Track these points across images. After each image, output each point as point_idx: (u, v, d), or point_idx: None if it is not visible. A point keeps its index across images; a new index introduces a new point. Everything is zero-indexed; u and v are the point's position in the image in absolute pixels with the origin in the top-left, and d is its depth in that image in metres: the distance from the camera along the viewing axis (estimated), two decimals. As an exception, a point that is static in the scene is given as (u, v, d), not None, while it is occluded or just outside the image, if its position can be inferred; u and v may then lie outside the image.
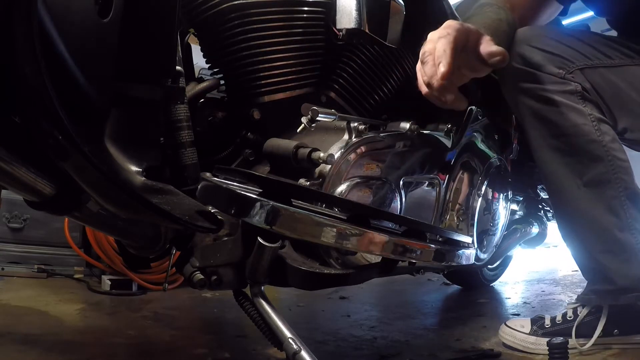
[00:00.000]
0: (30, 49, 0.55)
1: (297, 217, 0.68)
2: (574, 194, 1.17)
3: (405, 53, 1.23)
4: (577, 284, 2.45)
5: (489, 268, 2.22)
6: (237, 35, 1.01)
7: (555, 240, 4.18)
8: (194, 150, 0.94)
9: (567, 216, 1.23)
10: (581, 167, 1.15)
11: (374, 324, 1.59)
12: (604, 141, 1.13)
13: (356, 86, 1.14)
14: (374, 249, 0.77)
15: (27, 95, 0.57)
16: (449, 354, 1.28)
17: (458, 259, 0.96)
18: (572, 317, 1.25)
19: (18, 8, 0.54)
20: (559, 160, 1.17)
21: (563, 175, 1.17)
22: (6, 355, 1.14)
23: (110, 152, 0.71)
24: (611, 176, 1.14)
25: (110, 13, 0.69)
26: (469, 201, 1.34)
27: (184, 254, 0.89)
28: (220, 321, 1.66)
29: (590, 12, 1.29)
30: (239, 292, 0.86)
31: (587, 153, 1.13)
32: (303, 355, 0.73)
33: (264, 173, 1.01)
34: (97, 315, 1.58)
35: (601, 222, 1.16)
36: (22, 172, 0.67)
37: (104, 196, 0.69)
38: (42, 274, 2.07)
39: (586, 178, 1.15)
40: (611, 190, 1.14)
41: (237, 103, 1.07)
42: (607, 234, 1.15)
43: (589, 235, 1.19)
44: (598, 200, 1.15)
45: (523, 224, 1.92)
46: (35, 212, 0.76)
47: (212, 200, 0.74)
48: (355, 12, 1.06)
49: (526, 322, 1.32)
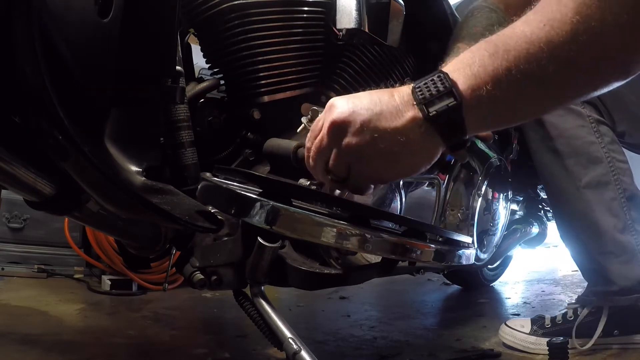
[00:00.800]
0: (30, 49, 0.55)
1: (297, 217, 0.68)
2: (574, 196, 1.17)
3: (405, 53, 1.23)
4: (577, 284, 2.46)
5: (489, 268, 2.22)
6: (237, 35, 1.01)
7: (555, 240, 4.19)
8: (194, 150, 0.94)
9: (567, 218, 1.23)
10: (580, 168, 1.15)
11: (374, 324, 1.59)
12: (603, 143, 1.13)
13: (356, 86, 1.14)
14: (374, 249, 0.77)
15: (27, 95, 0.57)
16: (449, 354, 1.28)
17: (458, 259, 0.96)
18: (572, 317, 1.25)
19: (18, 8, 0.54)
20: (559, 162, 1.17)
21: (562, 177, 1.17)
22: (6, 355, 1.14)
23: (110, 152, 0.71)
24: (610, 178, 1.14)
25: (110, 13, 0.69)
26: (469, 201, 1.34)
27: (184, 254, 0.89)
28: (220, 321, 1.66)
29: None
30: (239, 292, 0.86)
31: (587, 155, 1.13)
32: (303, 355, 0.73)
33: (264, 173, 1.01)
34: (97, 315, 1.58)
35: (601, 223, 1.16)
36: (22, 172, 0.67)
37: (104, 196, 0.69)
38: (42, 274, 2.07)
39: (585, 180, 1.15)
40: (611, 191, 1.14)
41: (237, 103, 1.07)
42: (607, 235, 1.16)
43: (588, 236, 1.19)
44: (598, 202, 1.15)
45: (523, 224, 1.93)
46: (35, 212, 0.76)
47: (212, 200, 0.74)
48: (355, 12, 1.05)
49: (526, 322, 1.32)
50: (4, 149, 0.64)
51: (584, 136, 1.13)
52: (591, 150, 1.13)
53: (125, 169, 0.72)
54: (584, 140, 1.13)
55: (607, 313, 1.20)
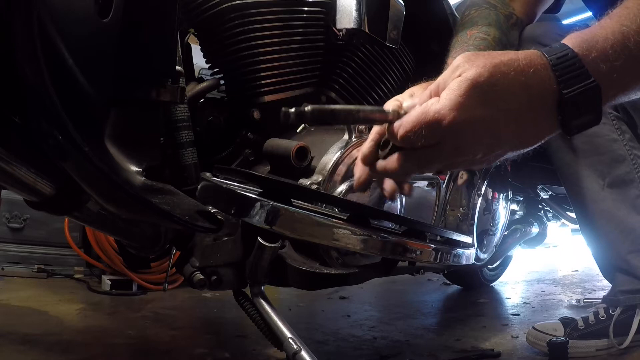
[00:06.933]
0: (30, 49, 0.55)
1: (297, 217, 0.68)
2: (598, 196, 1.15)
3: (405, 53, 1.23)
4: (577, 284, 2.46)
5: (489, 268, 2.22)
6: (237, 35, 1.01)
7: (555, 240, 4.19)
8: (194, 150, 0.94)
9: (591, 218, 1.20)
10: (603, 167, 1.13)
11: (374, 324, 1.59)
12: (624, 140, 1.12)
13: (356, 86, 1.14)
14: (374, 249, 0.77)
15: (27, 95, 0.57)
16: (449, 354, 1.28)
17: (458, 259, 0.96)
18: (604, 316, 1.23)
19: (18, 8, 0.54)
20: (581, 161, 1.14)
21: (586, 176, 1.15)
22: (6, 355, 1.14)
23: (110, 152, 0.71)
24: (634, 175, 1.12)
25: (110, 13, 0.69)
26: (469, 201, 1.34)
27: (184, 254, 0.89)
28: (220, 321, 1.66)
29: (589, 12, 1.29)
30: (239, 292, 0.86)
31: (610, 153, 1.11)
32: (303, 355, 0.73)
33: (264, 173, 1.01)
34: (97, 315, 1.58)
35: (627, 222, 1.14)
36: (22, 172, 0.67)
37: (104, 196, 0.69)
38: (42, 274, 2.07)
39: (609, 178, 1.13)
40: (635, 189, 1.13)
41: (237, 103, 1.07)
42: (634, 233, 1.14)
43: (615, 236, 1.17)
44: (622, 201, 1.13)
45: (523, 224, 1.93)
46: (35, 212, 0.76)
47: (212, 200, 0.74)
48: (355, 12, 1.05)
49: (557, 325, 1.28)
50: (4, 149, 0.64)
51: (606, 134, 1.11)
52: (614, 148, 1.11)
53: (125, 169, 0.72)
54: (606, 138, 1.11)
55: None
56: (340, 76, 1.12)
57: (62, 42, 0.61)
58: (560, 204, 2.01)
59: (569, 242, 4.32)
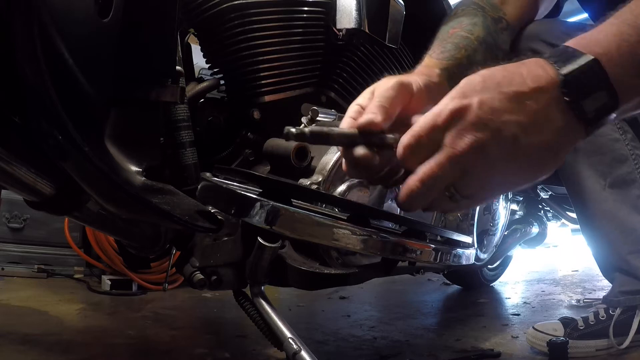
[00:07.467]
0: (30, 49, 0.55)
1: (297, 217, 0.68)
2: (599, 196, 1.14)
3: (405, 53, 1.23)
4: (577, 284, 2.46)
5: (489, 268, 2.22)
6: (237, 35, 1.01)
7: (555, 240, 4.19)
8: (194, 150, 0.94)
9: (592, 218, 1.20)
10: (605, 167, 1.12)
11: (374, 324, 1.59)
12: (626, 140, 1.11)
13: (356, 86, 1.14)
14: (374, 249, 0.77)
15: (27, 95, 0.57)
16: (449, 354, 1.28)
17: (458, 259, 0.96)
18: (604, 316, 1.23)
19: (18, 8, 0.54)
20: (582, 161, 1.14)
21: (587, 176, 1.14)
22: (6, 355, 1.14)
23: (110, 152, 0.71)
24: (636, 175, 1.12)
25: (110, 13, 0.69)
26: (469, 201, 1.34)
27: (184, 254, 0.89)
28: (220, 321, 1.66)
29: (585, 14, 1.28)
30: (239, 292, 0.86)
31: (611, 153, 1.11)
32: (303, 355, 0.73)
33: (264, 173, 1.01)
34: (97, 315, 1.58)
35: (628, 222, 1.14)
36: (22, 172, 0.67)
37: (104, 196, 0.69)
38: (42, 274, 2.07)
39: (611, 179, 1.12)
40: (636, 189, 1.12)
41: (237, 103, 1.07)
42: (635, 234, 1.14)
43: (616, 236, 1.17)
44: (623, 201, 1.13)
45: (523, 224, 1.92)
46: (35, 212, 0.76)
47: (212, 200, 0.74)
48: (355, 12, 1.05)
49: (557, 325, 1.28)
50: (4, 149, 0.64)
51: (608, 133, 1.10)
52: (616, 147, 1.10)
53: (125, 169, 0.72)
54: (608, 137, 1.10)
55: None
56: (340, 76, 1.13)
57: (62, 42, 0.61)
58: (561, 204, 2.01)
59: (569, 242, 4.32)
